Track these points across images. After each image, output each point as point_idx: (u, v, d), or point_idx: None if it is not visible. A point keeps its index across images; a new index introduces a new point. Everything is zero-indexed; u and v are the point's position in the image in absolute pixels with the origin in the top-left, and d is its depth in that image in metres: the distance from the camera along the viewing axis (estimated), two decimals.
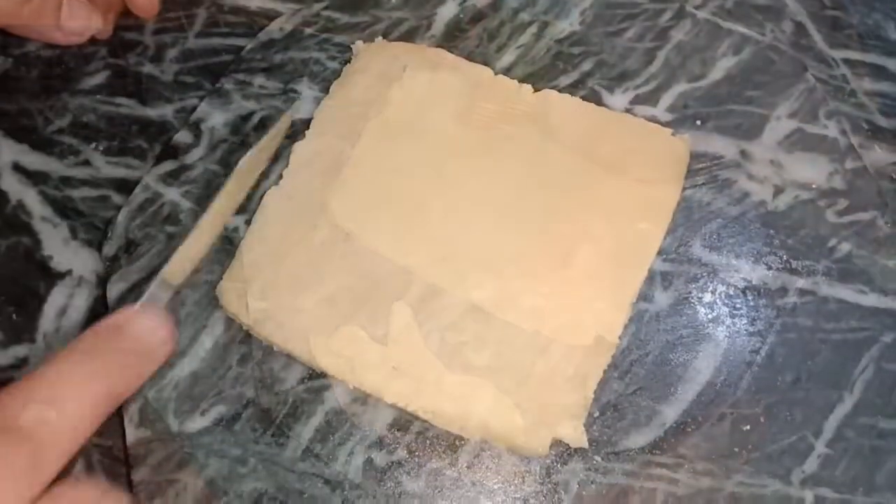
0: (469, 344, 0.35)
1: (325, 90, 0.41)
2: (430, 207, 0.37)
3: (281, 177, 0.39)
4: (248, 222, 0.38)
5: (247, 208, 0.39)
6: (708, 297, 0.37)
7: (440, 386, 0.34)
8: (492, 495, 0.34)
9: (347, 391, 0.36)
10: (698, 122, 0.41)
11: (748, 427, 0.35)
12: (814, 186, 0.39)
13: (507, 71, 0.42)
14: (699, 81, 0.42)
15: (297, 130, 0.41)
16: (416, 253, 0.37)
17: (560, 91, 0.41)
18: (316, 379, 0.36)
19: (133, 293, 0.38)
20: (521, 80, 0.41)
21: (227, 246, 0.38)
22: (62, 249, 0.41)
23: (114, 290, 0.38)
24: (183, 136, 0.41)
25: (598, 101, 0.41)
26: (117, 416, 0.37)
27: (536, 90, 0.40)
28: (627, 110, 0.41)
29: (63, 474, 0.25)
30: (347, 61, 0.42)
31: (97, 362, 0.26)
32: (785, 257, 0.38)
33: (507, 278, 0.36)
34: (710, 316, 0.37)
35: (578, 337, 0.35)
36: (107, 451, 0.37)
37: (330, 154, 0.39)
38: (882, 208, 0.39)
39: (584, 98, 0.41)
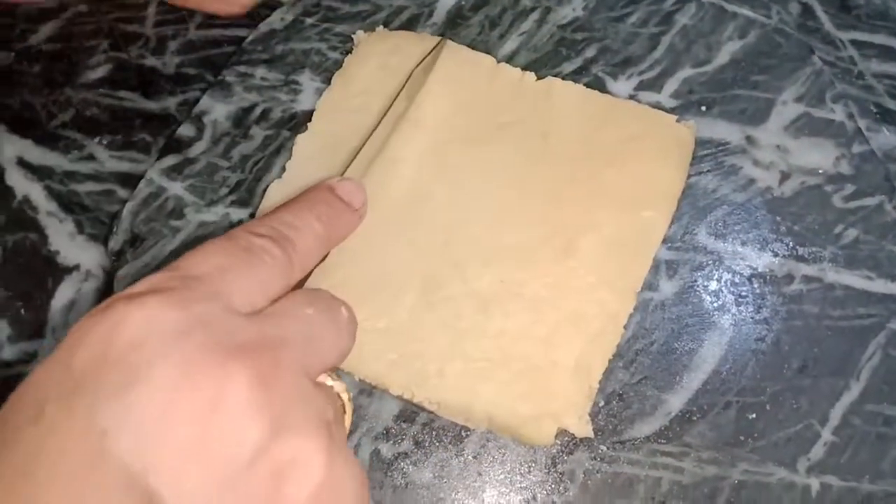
0: (472, 334, 0.35)
1: (327, 81, 0.41)
2: (432, 197, 0.37)
3: (284, 169, 0.39)
4: (253, 215, 0.39)
5: (250, 202, 0.39)
6: (713, 286, 0.37)
7: (444, 377, 0.34)
8: (498, 485, 0.34)
9: (353, 383, 0.36)
10: (703, 108, 0.40)
11: (754, 415, 0.35)
12: (820, 172, 0.39)
13: (509, 58, 0.42)
14: (704, 66, 0.41)
15: (299, 122, 0.40)
16: (418, 244, 0.37)
17: (563, 78, 0.40)
18: None
19: None
20: (524, 68, 0.40)
21: None
22: (69, 244, 0.41)
23: (121, 284, 0.38)
24: (186, 130, 0.41)
25: (602, 88, 0.41)
26: None
27: (539, 78, 0.40)
28: (632, 97, 0.41)
29: None
30: (349, 51, 0.42)
31: (319, 208, 0.32)
32: (791, 244, 0.38)
33: (510, 268, 0.36)
34: (715, 304, 0.37)
35: (583, 327, 0.35)
36: None
37: (333, 145, 0.39)
38: (889, 193, 0.38)
39: (587, 85, 0.40)
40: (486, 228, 0.37)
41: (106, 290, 0.40)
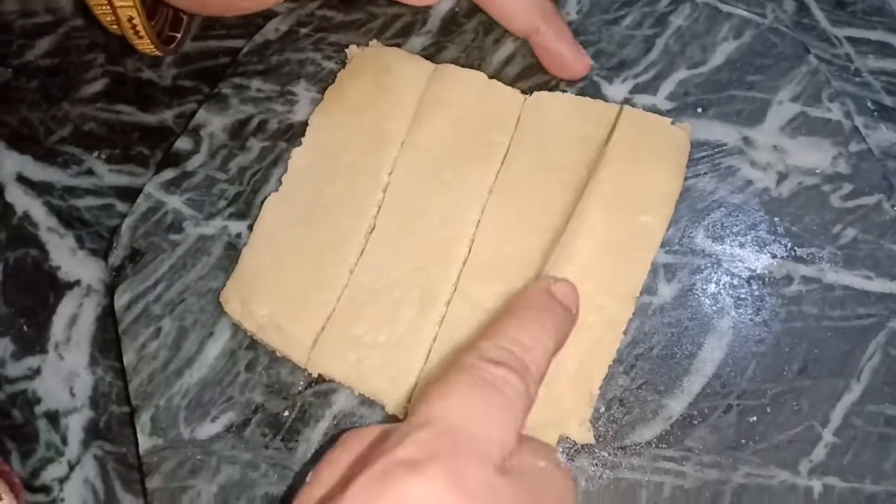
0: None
1: (322, 91, 0.41)
2: (429, 213, 0.37)
3: (281, 182, 0.39)
4: (251, 228, 0.39)
5: (248, 214, 0.39)
6: (712, 288, 0.37)
7: None
8: None
9: (355, 394, 0.36)
10: (699, 110, 0.40)
11: (755, 418, 0.35)
12: (818, 171, 0.39)
13: (504, 64, 0.42)
14: (699, 68, 0.41)
15: (296, 133, 0.41)
16: (416, 257, 0.37)
17: (559, 83, 0.40)
18: (323, 383, 0.36)
19: (140, 302, 0.38)
20: (520, 73, 0.40)
21: (231, 252, 0.39)
22: (69, 259, 0.41)
23: (121, 299, 0.38)
24: (183, 143, 0.41)
25: (598, 92, 0.41)
26: (129, 424, 0.38)
27: (530, 91, 0.39)
28: (627, 100, 0.41)
29: None
30: (343, 61, 0.42)
31: (543, 317, 0.31)
32: (789, 245, 0.38)
33: (509, 278, 0.36)
34: (714, 307, 0.37)
35: (582, 333, 0.35)
36: (121, 458, 0.38)
37: (327, 159, 0.39)
38: (887, 191, 0.38)
39: (583, 89, 0.40)
40: (485, 241, 0.37)
41: (107, 305, 0.40)
